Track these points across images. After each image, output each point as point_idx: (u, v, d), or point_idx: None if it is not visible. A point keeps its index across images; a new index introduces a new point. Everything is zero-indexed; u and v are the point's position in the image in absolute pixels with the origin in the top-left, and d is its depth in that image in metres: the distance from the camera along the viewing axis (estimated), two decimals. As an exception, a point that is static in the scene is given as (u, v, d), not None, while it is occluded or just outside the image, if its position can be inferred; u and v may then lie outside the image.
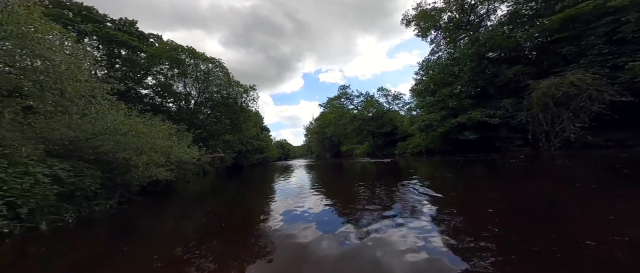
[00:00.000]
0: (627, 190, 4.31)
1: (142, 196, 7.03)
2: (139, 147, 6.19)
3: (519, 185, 5.55)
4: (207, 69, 18.43)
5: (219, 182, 12.21)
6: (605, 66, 11.45)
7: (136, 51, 15.44)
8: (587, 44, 12.38)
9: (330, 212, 4.24)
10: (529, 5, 17.04)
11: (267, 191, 8.06)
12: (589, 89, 11.60)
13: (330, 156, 38.40)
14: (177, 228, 4.18)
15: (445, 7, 23.19)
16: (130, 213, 5.43)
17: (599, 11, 11.92)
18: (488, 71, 18.16)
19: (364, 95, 29.95)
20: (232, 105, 19.39)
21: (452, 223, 3.06)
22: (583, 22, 12.75)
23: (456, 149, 19.20)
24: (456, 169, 9.38)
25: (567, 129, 12.36)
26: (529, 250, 2.23)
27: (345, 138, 32.21)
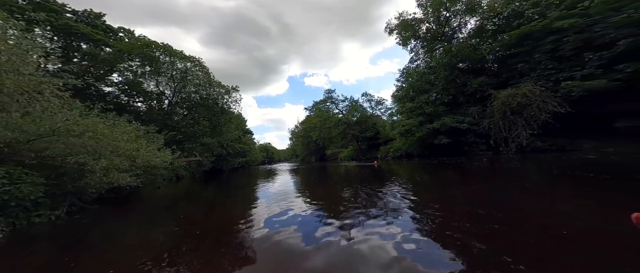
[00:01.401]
0: (563, 187, 5.52)
1: (99, 204, 6.49)
2: (97, 150, 5.58)
3: (482, 186, 6.24)
4: (185, 67, 17.79)
5: (194, 187, 11.63)
6: (550, 80, 13.21)
7: (100, 45, 14.36)
8: (536, 60, 14.16)
9: (314, 216, 4.15)
10: (492, 21, 19.02)
11: (248, 196, 7.81)
12: (538, 100, 13.28)
13: (315, 160, 38.91)
14: (143, 239, 3.84)
15: (424, 18, 24.85)
16: (83, 225, 4.94)
17: (546, 30, 13.75)
18: (459, 80, 19.85)
19: (349, 100, 31.11)
20: (212, 107, 18.80)
21: (429, 225, 3.19)
22: (534, 39, 14.59)
23: (432, 153, 20.58)
24: (431, 172, 10.02)
25: (521, 135, 13.99)
26: (489, 239, 2.67)
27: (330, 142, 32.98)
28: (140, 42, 15.95)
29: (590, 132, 11.71)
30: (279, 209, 4.88)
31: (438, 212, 3.71)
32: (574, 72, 12.02)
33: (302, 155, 43.77)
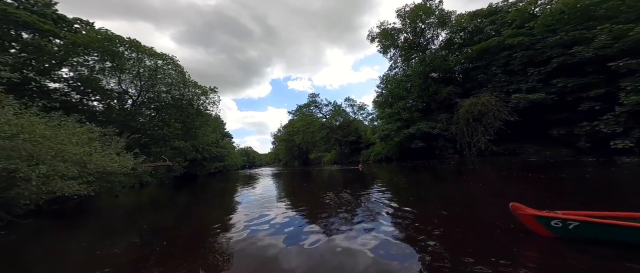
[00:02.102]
0: (514, 183, 6.50)
1: (35, 218, 5.72)
2: (34, 155, 4.86)
3: (449, 188, 6.95)
4: (155, 65, 16.77)
5: (162, 195, 11.05)
6: (503, 91, 14.87)
7: (48, 36, 12.92)
8: (492, 72, 15.85)
9: (296, 221, 4.11)
10: (459, 35, 20.87)
11: (225, 202, 7.52)
12: (493, 109, 14.86)
13: (298, 164, 39.25)
14: (93, 254, 3.38)
15: (402, 29, 26.45)
16: (9, 241, 4.31)
17: (501, 46, 15.48)
18: (431, 89, 21.43)
19: (333, 105, 32.06)
20: (186, 108, 17.73)
21: (404, 227, 3.32)
22: (491, 53, 16.33)
23: (408, 156, 21.86)
24: (408, 175, 10.73)
25: (481, 140, 15.51)
26: (454, 230, 3.06)
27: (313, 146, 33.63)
28: (101, 36, 14.75)
29: (533, 138, 13.37)
30: (259, 215, 4.72)
31: (412, 213, 3.90)
32: (521, 85, 13.70)
33: (285, 159, 43.89)
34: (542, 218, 2.40)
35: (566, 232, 2.31)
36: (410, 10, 24.28)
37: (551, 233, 2.39)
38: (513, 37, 14.66)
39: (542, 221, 2.40)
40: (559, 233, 2.35)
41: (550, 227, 2.37)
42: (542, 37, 13.36)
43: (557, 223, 2.33)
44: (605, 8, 11.00)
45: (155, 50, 16.87)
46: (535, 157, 11.83)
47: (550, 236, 2.40)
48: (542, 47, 13.08)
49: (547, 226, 2.39)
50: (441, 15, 22.80)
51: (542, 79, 12.76)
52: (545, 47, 12.89)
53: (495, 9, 18.56)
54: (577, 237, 2.28)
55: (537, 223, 2.44)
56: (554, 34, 12.71)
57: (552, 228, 2.37)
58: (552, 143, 12.05)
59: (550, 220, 2.36)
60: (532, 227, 2.51)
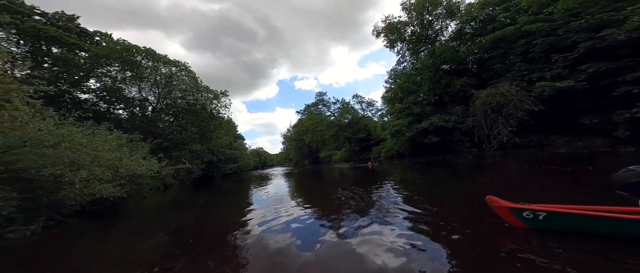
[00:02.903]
0: (537, 177, 6.16)
1: (79, 218, 6.26)
2: (75, 161, 5.43)
3: (467, 184, 6.59)
4: (170, 72, 17.34)
5: (184, 196, 11.31)
6: (524, 80, 14.38)
7: (74, 49, 13.64)
8: (510, 61, 15.35)
9: (309, 220, 4.16)
10: (470, 25, 20.31)
11: (241, 202, 7.74)
12: (514, 99, 14.38)
13: (309, 163, 38.99)
14: (131, 251, 3.77)
15: (409, 22, 25.91)
16: (62, 239, 4.83)
17: (518, 34, 14.94)
18: (443, 81, 20.94)
19: (340, 102, 31.73)
20: (200, 112, 18.42)
21: (419, 227, 3.20)
22: (507, 42, 15.80)
23: (422, 152, 21.45)
24: (421, 171, 10.39)
25: (502, 132, 15.05)
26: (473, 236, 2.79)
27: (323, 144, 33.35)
28: (120, 46, 15.29)
29: (561, 128, 12.89)
30: (273, 214, 4.83)
31: (428, 213, 3.76)
32: (544, 73, 13.20)
33: (296, 159, 43.79)
34: (515, 210, 2.48)
35: (536, 223, 2.41)
36: (416, 2, 23.73)
37: (524, 224, 2.49)
38: (531, 24, 14.13)
39: (515, 212, 2.49)
40: (531, 223, 2.45)
41: (523, 218, 2.46)
42: (563, 22, 12.82)
43: (529, 214, 2.42)
44: (636, -13, 10.45)
45: (168, 57, 17.27)
46: (566, 148, 11.36)
47: (523, 227, 2.49)
48: (565, 33, 12.56)
49: (519, 217, 2.48)
50: (449, 6, 22.24)
51: (568, 65, 12.25)
52: (569, 32, 12.37)
53: (508, -5, 17.96)
54: (546, 227, 2.38)
55: (511, 215, 2.53)
56: (577, 18, 12.18)
57: (524, 219, 2.46)
58: (585, 133, 11.57)
59: (522, 211, 2.45)
60: (508, 219, 2.59)
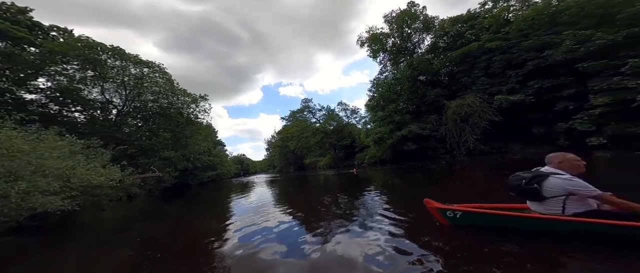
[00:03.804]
0: (499, 182, 6.53)
1: (15, 235, 5.57)
2: (12, 171, 4.86)
3: (440, 188, 7.07)
4: (141, 73, 16.02)
5: (152, 206, 10.80)
6: (486, 93, 15.86)
7: (22, 44, 12.42)
8: (475, 75, 16.88)
9: (292, 228, 4.11)
10: (443, 39, 22.07)
11: (219, 211, 7.48)
12: (478, 110, 15.79)
13: (294, 169, 39.20)
14: (82, 270, 3.46)
15: (390, 34, 27.42)
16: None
17: (481, 50, 16.55)
18: (420, 91, 22.36)
19: (326, 109, 32.56)
20: (175, 117, 17.29)
21: (399, 230, 3.28)
22: (473, 57, 17.40)
23: (402, 158, 22.49)
24: (401, 176, 10.98)
25: (469, 140, 16.37)
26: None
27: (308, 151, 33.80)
28: (81, 43, 13.79)
29: (517, 136, 14.33)
30: (254, 222, 4.74)
31: (406, 217, 3.90)
32: (501, 87, 14.72)
33: (280, 166, 43.66)
34: (441, 210, 2.90)
35: (456, 220, 2.82)
36: (397, 16, 25.35)
37: (447, 222, 2.89)
38: (491, 42, 15.79)
39: (441, 212, 2.90)
40: (452, 221, 2.85)
41: (447, 217, 2.87)
42: (517, 41, 14.50)
43: (450, 213, 2.83)
44: (568, 15, 12.21)
45: (140, 57, 16.32)
46: (520, 155, 12.70)
47: (447, 224, 2.89)
48: (518, 51, 14.19)
49: (444, 216, 2.88)
50: (425, 21, 24.03)
51: (520, 80, 13.80)
52: (520, 51, 13.99)
53: (473, 15, 19.89)
54: (462, 223, 2.79)
55: (439, 214, 2.94)
56: (527, 39, 13.85)
57: (448, 217, 2.86)
58: (535, 141, 12.99)
59: (446, 211, 2.85)
60: (438, 218, 2.99)
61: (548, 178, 2.20)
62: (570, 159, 2.28)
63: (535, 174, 2.32)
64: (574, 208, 2.14)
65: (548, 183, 2.19)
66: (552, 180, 2.17)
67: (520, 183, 2.39)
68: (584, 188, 2.08)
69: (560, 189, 2.14)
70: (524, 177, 2.39)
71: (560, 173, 2.19)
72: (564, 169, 2.23)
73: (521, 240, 2.35)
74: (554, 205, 2.21)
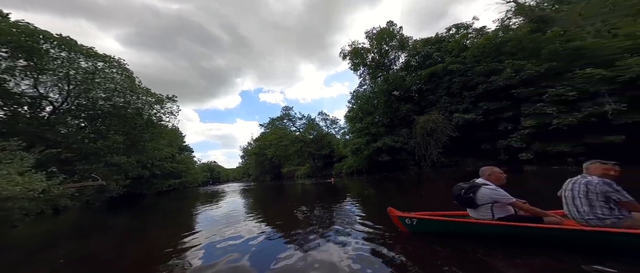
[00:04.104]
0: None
1: None
2: None
3: (409, 197, 7.70)
4: (93, 67, 14.79)
5: (88, 220, 9.66)
6: (447, 111, 17.72)
7: None
8: (438, 94, 18.82)
9: (266, 239, 3.97)
10: (415, 58, 24.31)
11: (180, 223, 6.91)
12: (441, 126, 17.50)
13: (270, 178, 39.22)
14: None
15: (370, 49, 29.37)
16: None
17: (444, 71, 18.58)
18: (394, 106, 24.11)
19: (306, 118, 33.49)
20: (133, 118, 15.99)
21: (375, 237, 3.40)
22: (438, 77, 19.43)
23: (377, 169, 23.67)
24: (376, 186, 11.61)
25: (433, 153, 17.93)
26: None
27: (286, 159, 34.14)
28: (16, 28, 12.48)
29: (471, 151, 16.08)
30: (223, 234, 4.47)
31: (380, 224, 4.04)
32: (459, 106, 16.60)
33: (255, 174, 43.14)
34: (401, 218, 3.22)
35: (413, 227, 3.16)
36: (377, 33, 27.53)
37: (406, 229, 3.22)
38: (452, 64, 17.92)
39: (402, 220, 3.21)
40: (410, 228, 3.18)
41: (406, 224, 3.19)
42: (471, 65, 16.65)
43: (408, 220, 3.16)
44: (509, 46, 14.47)
45: (95, 50, 15.16)
46: (472, 167, 14.31)
47: (406, 231, 3.23)
48: (472, 75, 16.27)
49: (404, 224, 3.20)
50: (401, 40, 26.40)
51: (472, 101, 15.77)
52: (473, 75, 16.08)
53: (440, 38, 22.39)
54: (418, 230, 3.13)
55: (400, 222, 3.24)
56: (479, 64, 16.00)
57: (407, 225, 3.19)
58: (484, 156, 14.72)
59: (405, 219, 3.17)
60: (399, 225, 3.29)
61: (480, 189, 2.59)
62: (495, 172, 2.72)
63: (471, 185, 2.69)
64: (498, 213, 2.55)
65: (480, 193, 2.57)
66: (483, 190, 2.56)
67: (460, 193, 2.74)
68: (504, 197, 2.51)
69: (488, 198, 2.54)
70: (463, 187, 2.74)
71: (488, 184, 2.60)
72: (491, 181, 2.66)
73: (464, 242, 2.70)
74: (485, 211, 2.60)
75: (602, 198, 2.21)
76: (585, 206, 2.29)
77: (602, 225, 2.20)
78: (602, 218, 2.21)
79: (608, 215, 2.20)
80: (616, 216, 2.19)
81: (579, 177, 2.45)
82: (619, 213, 2.19)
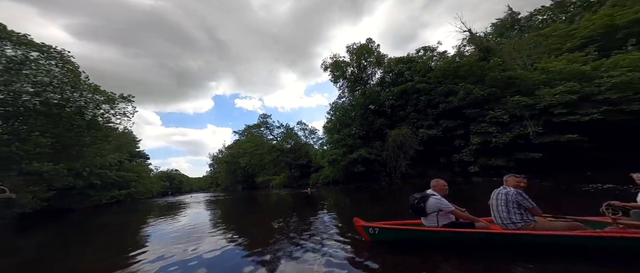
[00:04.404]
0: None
1: None
2: None
3: (382, 205, 8.29)
4: (24, 57, 13.37)
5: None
6: (414, 126, 19.69)
7: None
8: (408, 110, 20.86)
9: (233, 254, 3.81)
10: (389, 75, 26.67)
11: (123, 240, 6.28)
12: (409, 140, 19.30)
13: (243, 188, 38.62)
14: None
15: (350, 63, 31.35)
16: None
17: (413, 89, 20.73)
18: (369, 119, 25.87)
19: (285, 127, 34.05)
20: (69, 118, 14.25)
21: (351, 247, 3.56)
22: (408, 94, 21.57)
23: (352, 179, 24.77)
24: (351, 196, 12.24)
25: (402, 164, 19.55)
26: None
27: (261, 169, 33.98)
28: None
29: (432, 163, 17.97)
30: (181, 251, 4.18)
31: (347, 234, 4.24)
32: (423, 122, 18.62)
33: (226, 184, 41.84)
34: (365, 228, 3.49)
35: (375, 236, 3.43)
36: (357, 48, 29.72)
37: (369, 238, 3.49)
38: (420, 84, 20.20)
39: (365, 229, 3.49)
40: (373, 237, 3.44)
41: (369, 233, 3.46)
42: (434, 86, 18.98)
43: (371, 230, 3.43)
44: (464, 71, 16.97)
45: (29, 37, 13.77)
46: (433, 179, 15.99)
47: (369, 240, 3.50)
48: (435, 94, 18.52)
49: (367, 233, 3.48)
50: (378, 57, 28.86)
51: (434, 118, 17.90)
52: (436, 94, 18.33)
53: (411, 58, 25.07)
54: (380, 239, 3.42)
55: (364, 231, 3.52)
56: (440, 85, 18.33)
57: (370, 234, 3.45)
58: (443, 168, 16.58)
59: (368, 228, 3.45)
60: (363, 235, 3.56)
61: (429, 199, 2.98)
62: (441, 184, 3.18)
63: (422, 196, 3.05)
64: (442, 221, 2.96)
65: (428, 202, 2.97)
66: (430, 200, 2.97)
67: (413, 202, 3.10)
68: (446, 206, 2.92)
69: (434, 207, 2.94)
70: (416, 197, 3.08)
71: (435, 195, 3.02)
72: (437, 191, 3.10)
73: (419, 248, 3.06)
74: (432, 219, 2.99)
75: (515, 205, 2.71)
76: (504, 212, 2.78)
77: (515, 228, 2.69)
78: (515, 222, 2.70)
79: (519, 220, 2.69)
80: (525, 220, 2.69)
81: (501, 188, 2.95)
82: (527, 218, 2.70)
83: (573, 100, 10.58)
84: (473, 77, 16.07)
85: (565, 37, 13.63)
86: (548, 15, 20.42)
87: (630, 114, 9.58)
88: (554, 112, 10.86)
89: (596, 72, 10.84)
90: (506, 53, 14.66)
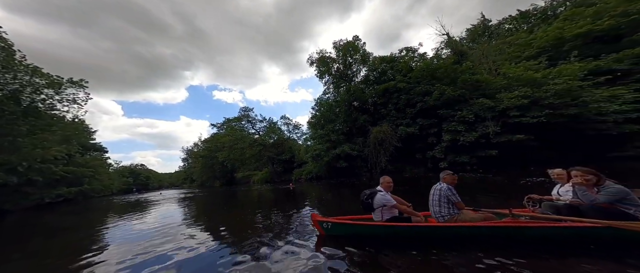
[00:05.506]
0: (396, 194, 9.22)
1: None
2: None
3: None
4: None
5: None
6: (394, 124, 21.31)
7: None
8: (389, 108, 22.44)
9: (208, 252, 3.75)
10: (373, 73, 28.12)
11: (73, 243, 5.62)
12: (389, 137, 20.88)
13: (221, 184, 38.36)
14: None
15: (336, 59, 32.19)
16: None
17: (395, 89, 22.27)
18: (353, 115, 27.18)
19: (268, 121, 34.26)
20: (1, 103, 12.95)
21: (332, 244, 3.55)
22: (389, 93, 23.12)
23: (335, 174, 26.02)
24: (333, 191, 12.74)
25: (382, 160, 21.14)
26: None
27: (242, 164, 33.94)
28: None
29: (409, 159, 19.77)
30: (146, 251, 4.05)
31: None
32: (403, 120, 20.29)
33: (201, 179, 41.13)
34: (320, 222, 3.69)
35: (328, 231, 3.66)
36: (343, 45, 30.65)
37: (324, 232, 3.71)
38: (400, 83, 21.80)
39: (320, 224, 3.69)
40: (327, 231, 3.68)
41: (323, 228, 3.69)
42: (414, 86, 20.68)
43: (326, 224, 3.64)
44: (440, 73, 18.79)
45: None
46: (409, 174, 17.78)
47: (323, 234, 3.73)
48: (413, 94, 20.21)
49: (322, 227, 3.69)
50: (363, 55, 30.15)
51: (412, 117, 19.61)
52: (415, 94, 20.02)
53: (394, 57, 26.69)
54: (333, 233, 3.64)
55: (319, 226, 3.73)
56: (418, 85, 20.05)
57: (324, 228, 3.67)
58: (418, 163, 18.40)
59: (323, 223, 3.65)
60: (318, 229, 3.76)
61: (376, 195, 3.23)
62: (387, 181, 3.40)
63: (371, 192, 3.28)
64: (386, 215, 3.22)
65: (375, 198, 3.22)
66: (377, 196, 3.22)
67: (363, 198, 3.30)
68: (388, 201, 3.15)
69: (379, 202, 3.18)
70: (366, 193, 3.26)
71: (381, 191, 3.28)
72: (383, 188, 3.33)
73: (368, 242, 3.19)
74: (378, 214, 3.25)
75: (446, 200, 3.06)
76: (436, 207, 3.13)
77: (443, 221, 3.06)
78: (443, 215, 3.07)
79: (446, 213, 3.05)
80: (450, 213, 3.06)
81: (437, 184, 3.28)
82: (452, 211, 3.07)
83: (526, 104, 12.62)
84: (447, 78, 17.94)
85: (524, 46, 15.89)
86: (513, 25, 23.17)
87: (567, 117, 11.78)
88: (509, 114, 12.86)
89: (545, 79, 13.01)
90: (476, 58, 16.62)
